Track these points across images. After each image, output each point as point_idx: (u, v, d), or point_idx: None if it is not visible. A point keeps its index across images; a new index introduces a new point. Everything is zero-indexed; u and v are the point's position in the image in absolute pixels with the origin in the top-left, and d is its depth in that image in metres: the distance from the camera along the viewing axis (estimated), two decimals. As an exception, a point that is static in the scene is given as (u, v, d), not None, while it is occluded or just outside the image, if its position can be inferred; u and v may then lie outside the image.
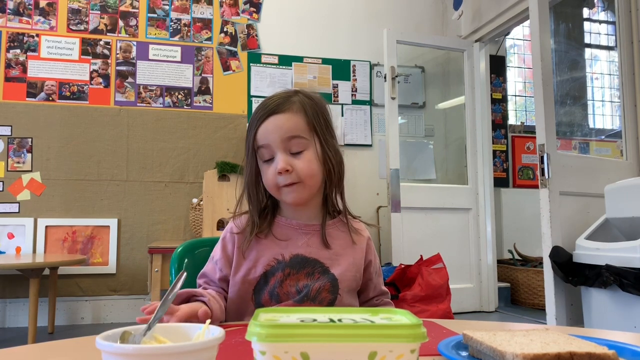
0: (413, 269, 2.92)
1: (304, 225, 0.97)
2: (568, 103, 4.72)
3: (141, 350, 0.45)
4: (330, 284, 0.94)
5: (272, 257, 0.94)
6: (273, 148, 0.93)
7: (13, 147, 3.44)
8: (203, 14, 3.84)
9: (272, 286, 0.93)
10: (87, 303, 3.46)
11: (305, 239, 0.96)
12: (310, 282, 0.93)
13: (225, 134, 3.77)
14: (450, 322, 0.86)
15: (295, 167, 0.92)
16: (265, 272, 0.94)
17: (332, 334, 0.44)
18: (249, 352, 0.46)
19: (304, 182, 0.93)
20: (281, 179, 0.92)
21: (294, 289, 0.93)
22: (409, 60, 4.18)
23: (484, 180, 3.90)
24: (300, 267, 0.94)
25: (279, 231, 0.97)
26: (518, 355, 0.53)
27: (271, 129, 0.93)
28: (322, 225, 0.98)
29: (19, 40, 3.51)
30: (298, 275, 0.93)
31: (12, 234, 3.39)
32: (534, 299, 3.86)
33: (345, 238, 0.99)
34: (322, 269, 0.94)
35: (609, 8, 5.02)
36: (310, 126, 0.95)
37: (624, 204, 2.35)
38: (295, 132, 0.93)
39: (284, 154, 0.92)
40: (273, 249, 0.95)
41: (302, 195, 0.94)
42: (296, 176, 0.92)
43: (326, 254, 0.96)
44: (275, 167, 0.92)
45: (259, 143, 0.94)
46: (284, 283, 0.93)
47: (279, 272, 0.93)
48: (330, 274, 0.94)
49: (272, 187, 0.94)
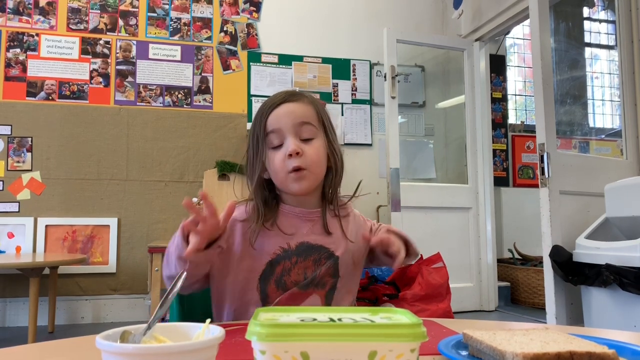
0: (413, 268, 2.92)
1: (307, 212, 0.99)
2: (568, 102, 4.71)
3: (141, 350, 0.45)
4: (333, 267, 0.96)
5: (277, 246, 0.95)
6: (284, 132, 0.94)
7: (13, 147, 3.44)
8: (203, 13, 3.84)
9: (278, 275, 0.94)
10: (87, 302, 3.46)
11: (310, 226, 0.98)
12: (317, 269, 0.95)
13: (225, 133, 3.77)
14: (450, 321, 0.86)
15: (305, 152, 0.93)
16: (271, 260, 0.94)
17: (332, 334, 0.44)
18: (249, 352, 0.46)
19: (310, 170, 0.94)
20: (290, 162, 0.92)
21: (302, 277, 0.94)
22: (409, 60, 4.17)
23: (484, 179, 3.90)
24: (307, 254, 0.95)
25: (283, 220, 0.98)
26: (518, 355, 0.53)
27: (283, 114, 0.95)
28: (323, 212, 1.00)
29: (18, 39, 3.51)
30: (306, 262, 0.95)
31: (12, 233, 3.39)
32: (534, 298, 3.86)
33: (339, 223, 1.02)
34: (327, 254, 0.96)
35: (609, 7, 5.01)
36: (319, 119, 0.98)
37: (624, 203, 2.35)
38: (307, 119, 0.96)
39: (294, 138, 0.94)
40: (278, 238, 0.96)
41: (308, 184, 0.95)
42: (304, 161, 0.93)
43: (329, 239, 0.98)
44: (284, 151, 0.93)
45: (270, 128, 0.95)
46: (292, 272, 0.94)
47: (285, 260, 0.94)
48: (335, 257, 0.97)
49: (279, 172, 0.94)
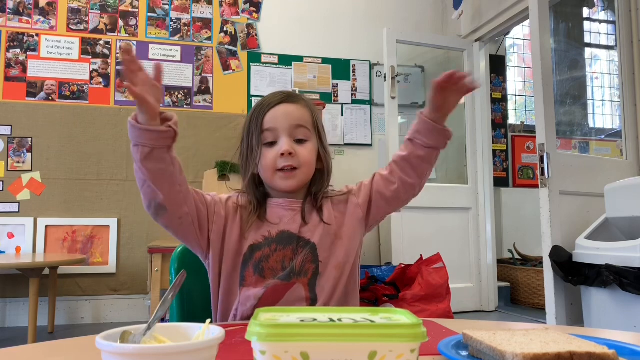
0: (413, 268, 2.92)
1: (289, 202, 1.01)
2: (568, 102, 4.71)
3: (141, 350, 0.45)
4: (311, 253, 0.97)
5: (260, 235, 0.98)
6: (279, 132, 0.98)
7: (13, 147, 3.44)
8: (203, 13, 3.84)
9: (257, 259, 0.96)
10: (87, 303, 3.46)
11: (291, 215, 1.00)
12: (295, 257, 0.96)
13: (225, 134, 3.77)
14: (450, 321, 0.86)
15: (298, 153, 0.97)
16: (252, 245, 0.97)
17: (332, 334, 0.44)
18: (249, 352, 0.46)
19: (301, 169, 0.98)
20: (281, 161, 0.96)
21: (280, 266, 0.96)
22: (408, 60, 4.17)
23: (484, 179, 3.90)
24: (287, 242, 0.97)
25: (270, 212, 1.01)
26: (518, 355, 0.53)
27: (280, 114, 0.99)
28: (304, 202, 1.02)
29: (18, 39, 3.51)
30: (285, 250, 0.97)
31: (12, 233, 3.39)
32: (533, 299, 3.86)
33: (333, 210, 1.03)
34: (304, 242, 0.98)
35: (609, 7, 5.01)
36: (313, 123, 1.02)
37: (624, 204, 2.35)
38: (303, 122, 0.99)
39: (288, 139, 0.97)
40: (262, 226, 0.99)
41: (296, 182, 0.98)
42: (296, 161, 0.97)
43: (306, 228, 0.99)
44: (277, 150, 0.97)
45: (266, 126, 0.98)
46: (271, 258, 0.96)
47: (265, 247, 0.97)
48: (311, 243, 0.98)
49: (269, 169, 0.98)
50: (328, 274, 0.97)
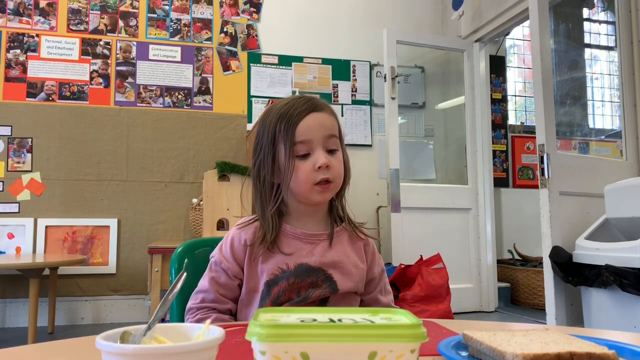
0: (413, 269, 2.92)
1: (310, 235, 0.96)
2: (568, 103, 4.71)
3: (141, 350, 0.45)
4: (330, 287, 0.94)
5: (276, 266, 0.93)
6: (314, 144, 0.93)
7: (13, 147, 3.44)
8: (203, 14, 3.84)
9: (274, 295, 0.92)
10: (87, 303, 3.46)
11: (310, 248, 0.95)
12: (311, 288, 0.93)
13: (225, 134, 3.77)
14: (450, 322, 0.86)
15: (332, 165, 0.93)
16: (268, 281, 0.93)
17: (332, 334, 0.44)
18: (249, 352, 0.46)
19: (335, 182, 0.94)
20: (318, 175, 0.91)
21: (295, 295, 0.93)
22: (408, 60, 4.17)
23: (484, 180, 3.90)
24: (305, 276, 0.93)
25: (284, 241, 0.95)
26: (518, 355, 0.53)
27: (314, 125, 0.93)
28: (330, 233, 0.97)
29: (19, 40, 3.51)
30: (302, 283, 0.93)
31: (12, 234, 3.39)
32: (533, 299, 3.86)
33: (348, 245, 0.99)
34: (325, 277, 0.94)
35: (608, 8, 5.01)
36: (339, 130, 0.99)
37: (624, 204, 2.35)
38: (334, 131, 0.96)
39: (323, 151, 0.93)
40: (277, 258, 0.94)
41: (330, 195, 0.96)
42: (332, 173, 0.93)
43: (330, 262, 0.95)
44: (313, 163, 0.92)
45: (299, 138, 0.92)
46: (287, 290, 0.92)
47: (283, 281, 0.92)
48: (333, 282, 0.94)
49: (306, 182, 0.92)
50: (340, 298, 0.96)
